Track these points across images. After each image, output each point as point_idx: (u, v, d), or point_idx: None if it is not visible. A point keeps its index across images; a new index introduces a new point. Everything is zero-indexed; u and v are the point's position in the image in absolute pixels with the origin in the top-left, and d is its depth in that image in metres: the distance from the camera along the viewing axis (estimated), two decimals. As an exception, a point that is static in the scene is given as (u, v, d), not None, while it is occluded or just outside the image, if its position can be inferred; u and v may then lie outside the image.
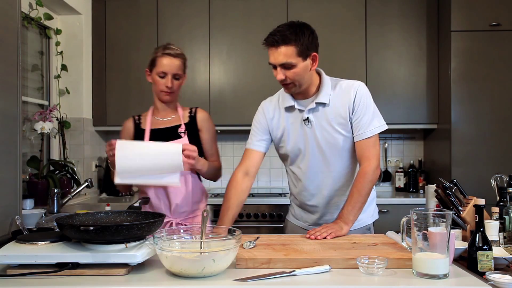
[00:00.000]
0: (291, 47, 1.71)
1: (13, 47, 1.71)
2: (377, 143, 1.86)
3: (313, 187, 1.94)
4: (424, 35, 3.59)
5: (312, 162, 1.90)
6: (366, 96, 1.84)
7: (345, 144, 1.86)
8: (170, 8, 3.63)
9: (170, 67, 1.98)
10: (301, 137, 1.89)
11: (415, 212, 1.32)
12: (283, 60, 1.72)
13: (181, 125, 2.05)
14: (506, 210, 1.75)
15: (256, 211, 3.32)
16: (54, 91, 3.48)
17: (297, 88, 1.82)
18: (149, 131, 2.05)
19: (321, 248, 1.52)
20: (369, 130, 1.82)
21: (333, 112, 1.84)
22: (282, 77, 1.77)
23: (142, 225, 1.35)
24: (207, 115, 2.14)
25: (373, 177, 1.83)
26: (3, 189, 1.63)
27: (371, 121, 1.83)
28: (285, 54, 1.71)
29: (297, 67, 1.74)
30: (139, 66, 3.64)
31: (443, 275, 1.27)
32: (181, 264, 1.26)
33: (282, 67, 1.75)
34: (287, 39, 1.70)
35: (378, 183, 3.90)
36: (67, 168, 3.12)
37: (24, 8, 2.89)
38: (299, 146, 1.90)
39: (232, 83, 3.63)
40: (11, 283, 1.25)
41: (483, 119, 3.32)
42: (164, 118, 2.09)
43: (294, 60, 1.72)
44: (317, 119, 1.86)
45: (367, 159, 1.82)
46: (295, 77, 1.76)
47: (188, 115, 2.10)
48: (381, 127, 1.86)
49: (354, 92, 1.83)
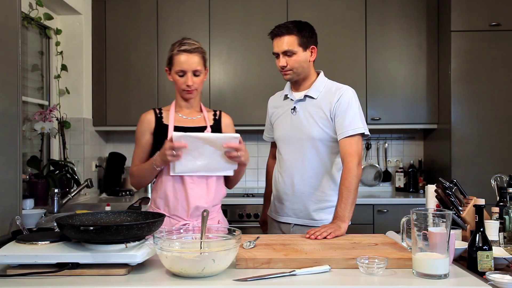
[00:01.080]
0: (293, 37, 1.96)
1: (13, 47, 1.71)
2: (360, 143, 1.95)
3: (286, 174, 2.08)
4: (424, 35, 3.60)
5: (290, 149, 2.07)
6: (349, 100, 1.97)
7: (322, 137, 2.00)
8: (170, 8, 3.63)
9: (188, 64, 1.88)
10: (287, 125, 2.09)
11: (415, 212, 1.32)
12: (285, 47, 1.96)
13: (206, 127, 1.96)
14: (506, 210, 1.75)
15: (256, 211, 3.32)
16: (54, 91, 3.48)
17: (294, 76, 2.03)
18: (173, 128, 1.92)
19: (321, 248, 1.52)
20: (351, 129, 1.93)
21: (317, 106, 2.01)
22: (284, 64, 1.99)
23: (142, 225, 1.35)
24: (231, 120, 2.07)
25: (358, 172, 1.90)
26: (3, 189, 1.63)
27: (352, 121, 1.94)
28: (288, 42, 1.96)
29: (298, 55, 1.97)
30: (139, 66, 3.64)
31: (443, 275, 1.27)
32: (181, 264, 1.26)
33: (284, 55, 1.98)
34: (290, 30, 1.97)
35: (378, 183, 3.90)
36: (67, 168, 3.12)
37: (24, 8, 2.89)
38: (284, 132, 2.10)
39: (232, 83, 3.63)
40: (11, 283, 1.25)
41: (483, 119, 3.32)
42: (189, 117, 1.99)
43: (295, 48, 1.96)
44: (302, 109, 2.05)
45: (349, 155, 1.91)
46: (294, 64, 1.98)
47: (212, 117, 2.02)
48: (364, 129, 1.95)
49: (339, 94, 1.98)
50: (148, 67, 3.63)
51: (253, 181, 3.97)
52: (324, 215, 2.03)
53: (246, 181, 3.93)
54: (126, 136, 3.99)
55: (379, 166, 3.92)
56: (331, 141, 2.01)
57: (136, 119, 3.81)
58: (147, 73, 3.63)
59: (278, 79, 3.68)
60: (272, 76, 3.60)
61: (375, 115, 3.59)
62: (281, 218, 2.13)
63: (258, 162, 3.95)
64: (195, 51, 1.91)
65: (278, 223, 2.15)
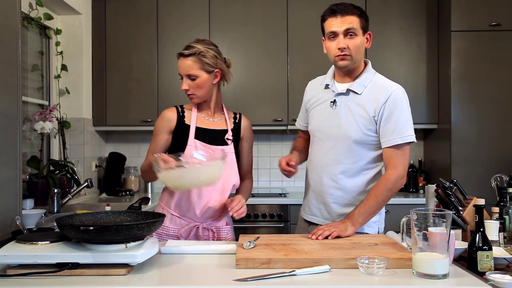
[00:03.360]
0: (356, 17, 1.79)
1: (13, 47, 1.71)
2: (407, 153, 1.79)
3: (316, 171, 1.93)
4: (424, 35, 3.59)
5: (323, 145, 1.90)
6: (400, 102, 1.79)
7: (359, 138, 1.82)
8: (170, 8, 3.63)
9: (182, 68, 1.89)
10: (323, 119, 1.91)
11: (415, 212, 1.32)
12: (349, 25, 1.77)
13: (228, 130, 1.96)
14: (506, 210, 1.75)
15: (256, 211, 3.32)
16: (54, 91, 3.48)
17: (351, 63, 1.82)
18: (195, 129, 1.91)
19: (321, 248, 1.52)
20: (400, 137, 1.76)
21: (360, 104, 1.83)
22: (344, 45, 1.78)
23: (142, 225, 1.35)
24: (250, 123, 2.06)
25: (394, 186, 1.76)
26: (3, 189, 1.63)
27: (401, 128, 1.77)
28: (351, 22, 1.78)
29: (358, 38, 1.79)
30: (139, 66, 3.64)
31: (443, 275, 1.27)
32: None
33: (345, 35, 1.78)
34: (354, 10, 1.79)
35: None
36: (67, 168, 3.12)
37: (24, 8, 2.89)
38: (318, 126, 1.93)
39: (232, 83, 3.60)
40: (11, 283, 1.25)
41: (483, 119, 3.32)
42: (211, 119, 1.98)
43: (358, 29, 1.79)
44: (343, 104, 1.86)
45: (393, 167, 1.77)
46: (355, 48, 1.79)
47: (233, 120, 2.02)
48: (414, 137, 1.79)
49: (387, 94, 1.80)
50: (148, 67, 3.63)
51: (254, 181, 3.96)
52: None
53: (246, 181, 3.92)
54: (126, 136, 3.99)
55: (379, 166, 3.92)
56: (370, 144, 1.83)
57: (136, 119, 3.83)
58: (147, 73, 3.63)
59: (279, 79, 3.70)
60: (273, 76, 3.61)
61: (375, 115, 3.59)
62: (306, 216, 2.00)
63: (258, 162, 3.95)
64: (189, 55, 1.88)
65: (306, 222, 2.02)
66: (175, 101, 2.04)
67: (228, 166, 1.89)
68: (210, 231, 1.91)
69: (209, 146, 1.89)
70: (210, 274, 1.36)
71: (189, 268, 1.41)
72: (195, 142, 1.89)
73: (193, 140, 1.89)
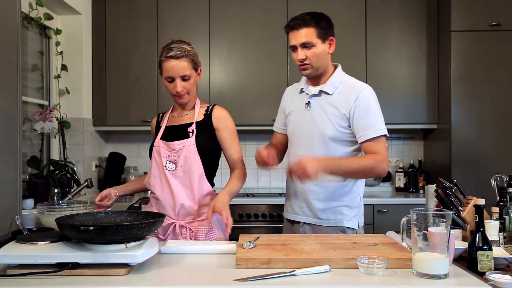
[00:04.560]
0: (311, 29, 1.89)
1: (13, 47, 1.71)
2: (383, 144, 1.87)
3: None
4: (424, 35, 3.59)
5: (300, 145, 2.00)
6: (368, 100, 1.88)
7: (334, 135, 1.91)
8: (170, 8, 3.63)
9: (175, 70, 1.89)
10: (300, 120, 2.01)
11: (415, 212, 1.32)
12: (304, 39, 1.88)
13: (192, 123, 1.98)
14: (506, 210, 1.75)
15: (256, 211, 3.32)
16: (54, 91, 3.48)
17: (313, 71, 1.93)
18: (164, 128, 2.02)
19: (321, 248, 1.52)
20: (373, 131, 1.85)
21: (332, 103, 1.93)
22: (303, 57, 1.89)
23: (142, 225, 1.35)
24: (224, 112, 2.03)
25: (377, 166, 1.82)
26: (3, 189, 1.63)
27: (374, 122, 1.86)
28: (306, 34, 1.88)
29: (317, 48, 1.89)
30: (139, 66, 3.64)
31: (443, 275, 1.27)
32: None
33: (302, 47, 1.89)
34: (307, 22, 1.89)
35: (378, 183, 3.89)
36: (67, 168, 3.12)
37: (24, 8, 2.89)
38: (296, 128, 2.03)
39: (232, 83, 3.63)
40: (11, 283, 1.25)
41: (483, 119, 3.32)
42: (180, 115, 2.04)
43: (314, 40, 1.88)
44: (317, 105, 1.96)
45: (378, 152, 1.84)
46: (314, 58, 1.90)
47: (204, 112, 2.02)
48: (385, 130, 1.88)
49: (356, 93, 1.89)
50: (148, 67, 3.63)
51: (253, 181, 3.97)
52: (332, 215, 1.95)
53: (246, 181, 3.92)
54: (126, 136, 3.99)
55: (379, 166, 3.92)
56: (345, 140, 1.93)
57: (136, 119, 3.84)
58: (147, 73, 3.63)
59: (279, 79, 3.70)
60: (273, 76, 3.61)
61: (375, 115, 3.59)
62: (289, 216, 2.09)
63: (258, 162, 3.95)
64: (182, 56, 1.89)
65: (290, 222, 2.10)
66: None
67: (189, 159, 1.90)
68: (188, 230, 1.92)
69: (168, 143, 1.95)
70: (210, 274, 1.36)
71: (189, 268, 1.41)
72: (159, 142, 1.98)
73: (158, 140, 1.99)
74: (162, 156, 1.94)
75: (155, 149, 1.98)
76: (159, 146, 1.96)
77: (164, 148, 1.95)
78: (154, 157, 1.98)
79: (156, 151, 1.97)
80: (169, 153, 1.94)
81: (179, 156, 1.92)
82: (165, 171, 1.93)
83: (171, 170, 1.92)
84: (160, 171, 1.95)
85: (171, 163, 1.93)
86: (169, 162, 1.93)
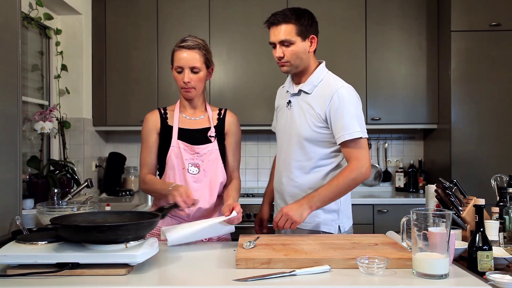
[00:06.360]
0: (291, 25, 1.79)
1: (13, 47, 1.71)
2: (364, 145, 1.80)
3: (277, 171, 2.02)
4: (424, 35, 3.59)
5: (282, 145, 1.98)
6: (343, 100, 1.79)
7: (310, 136, 1.86)
8: (170, 8, 3.63)
9: (186, 60, 1.85)
10: (283, 120, 1.99)
11: (415, 212, 1.32)
12: (282, 37, 1.80)
13: (210, 128, 1.94)
14: (506, 210, 1.75)
15: (256, 211, 3.32)
16: (54, 91, 3.47)
17: (292, 68, 1.87)
18: (177, 130, 1.92)
19: (321, 248, 1.52)
20: (347, 133, 1.77)
21: (309, 102, 1.87)
22: (280, 55, 1.82)
23: (142, 225, 1.35)
24: (236, 119, 2.03)
25: (358, 176, 1.77)
26: (3, 189, 1.63)
27: (348, 124, 1.78)
28: (285, 31, 1.79)
29: (296, 46, 1.81)
30: (139, 66, 3.64)
31: (443, 275, 1.27)
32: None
33: (281, 45, 1.82)
34: (287, 18, 1.79)
35: (378, 183, 3.89)
36: (67, 168, 3.12)
37: (24, 8, 2.89)
38: (279, 127, 2.02)
39: (232, 83, 3.63)
40: (11, 283, 1.25)
41: (483, 119, 3.32)
42: (193, 118, 1.97)
43: (293, 38, 1.80)
44: (296, 104, 1.92)
45: (354, 159, 1.78)
46: (292, 56, 1.82)
47: (217, 117, 2.00)
48: (361, 133, 1.79)
49: (331, 93, 1.81)
50: (148, 67, 3.63)
51: (253, 181, 3.97)
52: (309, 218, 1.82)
53: (246, 181, 3.93)
54: (126, 136, 3.99)
55: (379, 166, 3.92)
56: (322, 141, 1.86)
57: (136, 119, 3.83)
58: (147, 73, 3.63)
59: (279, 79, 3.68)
60: (273, 76, 3.60)
61: (375, 115, 3.59)
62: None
63: (258, 162, 3.95)
64: (195, 47, 1.88)
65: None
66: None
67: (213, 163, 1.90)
68: None
69: (192, 146, 1.89)
70: (210, 274, 1.36)
71: (189, 268, 1.42)
72: (178, 143, 1.90)
73: (176, 141, 1.90)
74: (184, 158, 1.88)
75: (173, 149, 1.89)
76: (179, 148, 1.88)
77: (186, 151, 1.88)
78: (171, 157, 1.88)
79: (174, 152, 1.88)
80: (192, 156, 1.88)
81: (203, 160, 1.88)
82: (186, 173, 1.87)
83: (194, 173, 1.88)
84: (179, 173, 1.88)
85: (193, 166, 1.88)
86: (191, 165, 1.88)
